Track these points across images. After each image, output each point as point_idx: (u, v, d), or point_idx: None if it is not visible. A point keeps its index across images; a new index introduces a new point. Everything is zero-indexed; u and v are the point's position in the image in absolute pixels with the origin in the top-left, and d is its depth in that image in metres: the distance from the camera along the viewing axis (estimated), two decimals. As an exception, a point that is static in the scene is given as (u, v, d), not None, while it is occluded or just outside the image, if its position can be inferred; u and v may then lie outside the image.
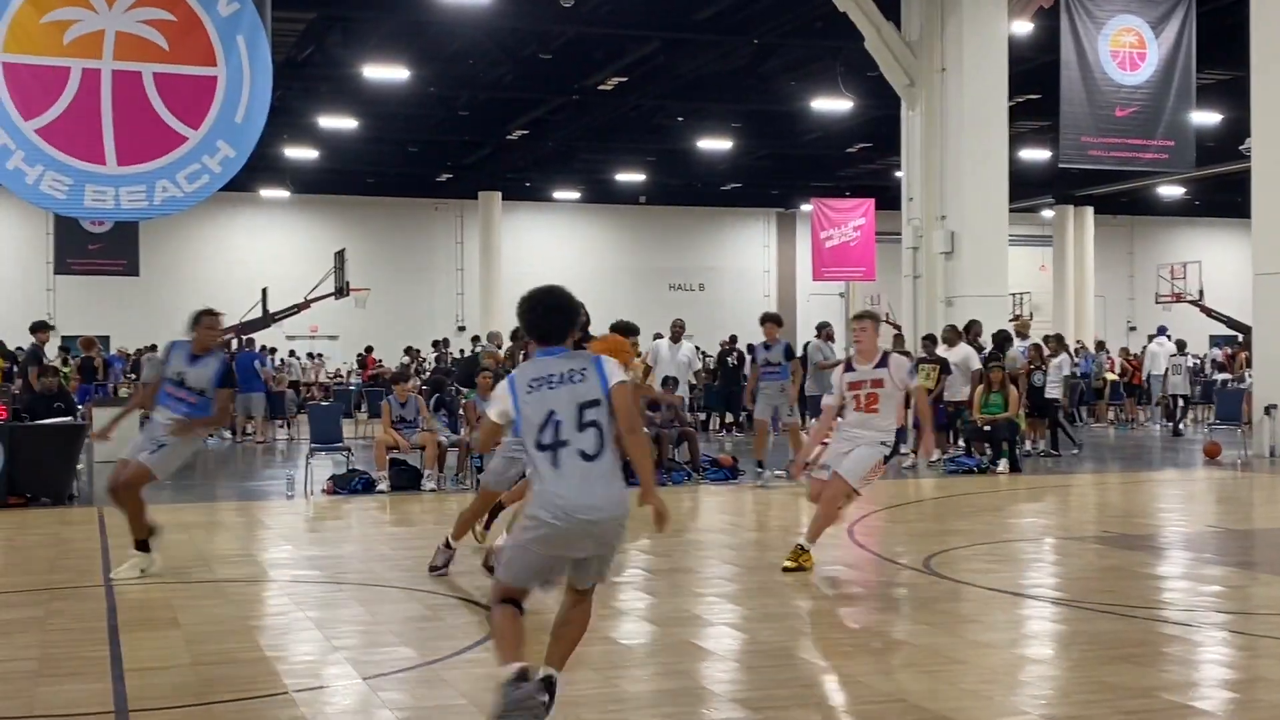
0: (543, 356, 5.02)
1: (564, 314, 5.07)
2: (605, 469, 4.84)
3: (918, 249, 22.38)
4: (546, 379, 4.91)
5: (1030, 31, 22.48)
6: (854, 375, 8.71)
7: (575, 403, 4.85)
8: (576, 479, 4.80)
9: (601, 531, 4.86)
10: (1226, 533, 11.16)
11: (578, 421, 4.84)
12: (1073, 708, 5.51)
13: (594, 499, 4.80)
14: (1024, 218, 40.68)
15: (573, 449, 4.82)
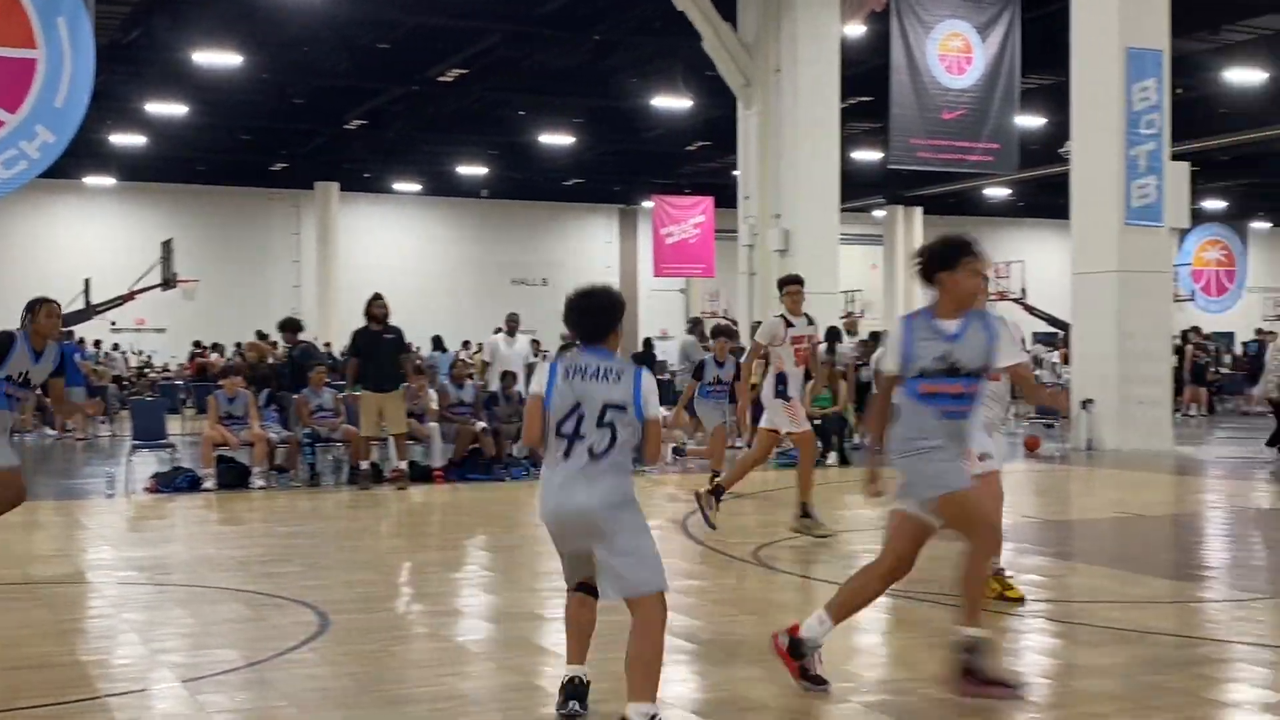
0: (588, 353, 5.07)
1: (605, 314, 5.13)
2: (607, 466, 4.89)
3: (754, 246, 22.73)
4: (582, 369, 4.97)
5: (862, 35, 22.99)
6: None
7: (602, 400, 4.91)
8: (577, 472, 4.88)
9: (591, 523, 4.86)
10: (1044, 523, 11.57)
11: (598, 418, 4.90)
12: (893, 695, 5.66)
13: (585, 493, 4.86)
14: (856, 217, 41.60)
15: (585, 444, 4.90)
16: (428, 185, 40.79)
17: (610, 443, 4.89)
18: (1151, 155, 18.39)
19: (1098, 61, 18.51)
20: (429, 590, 8.40)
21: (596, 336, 5.09)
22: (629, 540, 4.87)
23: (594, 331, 5.10)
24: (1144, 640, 6.69)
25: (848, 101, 24.25)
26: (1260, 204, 45.97)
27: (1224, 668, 6.23)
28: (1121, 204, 18.26)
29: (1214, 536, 11.03)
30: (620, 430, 4.91)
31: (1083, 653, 6.55)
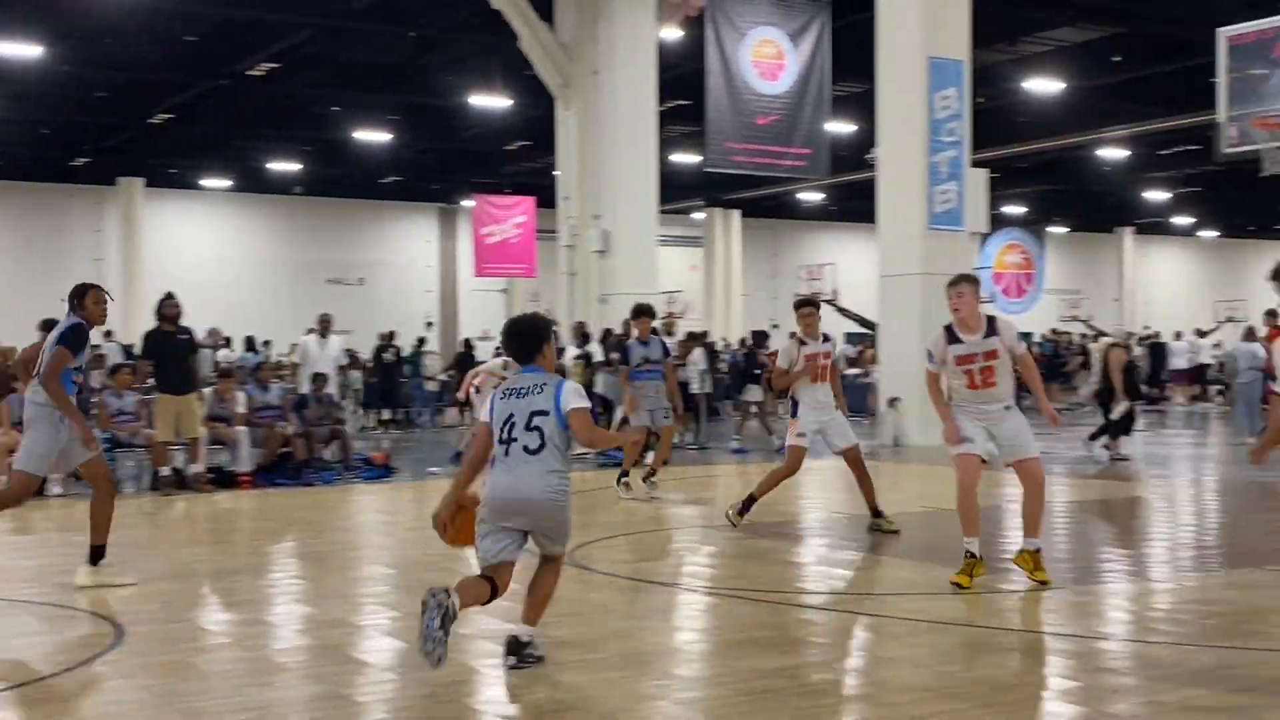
0: (524, 373, 6.04)
1: (530, 338, 6.06)
2: (535, 462, 5.82)
3: (574, 247, 22.79)
4: (518, 390, 5.94)
5: (680, 39, 23.23)
6: (962, 348, 8.12)
7: (529, 410, 5.86)
8: (508, 472, 5.85)
9: (534, 509, 5.86)
10: (853, 518, 11.85)
11: (526, 424, 5.85)
12: (703, 690, 5.72)
13: (527, 485, 5.81)
14: (676, 219, 41.99)
15: (519, 445, 5.85)
16: (239, 182, 39.69)
17: (540, 441, 5.82)
18: (953, 162, 19.02)
19: (902, 70, 19.06)
20: (233, 599, 8.16)
21: (527, 357, 6.05)
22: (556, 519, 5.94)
23: (524, 353, 6.07)
24: (948, 631, 6.90)
25: (666, 104, 24.48)
26: (1057, 209, 47.98)
27: (1024, 656, 6.47)
28: (924, 209, 18.84)
29: (1016, 529, 11.43)
30: (546, 431, 5.82)
31: (890, 644, 6.72)
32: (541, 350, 6.03)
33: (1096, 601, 7.85)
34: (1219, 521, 11.92)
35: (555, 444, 5.85)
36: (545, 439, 5.83)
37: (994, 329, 8.05)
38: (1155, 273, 52.97)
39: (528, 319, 6.24)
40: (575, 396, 5.89)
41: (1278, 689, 5.58)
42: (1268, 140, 11.95)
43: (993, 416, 8.13)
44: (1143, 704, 5.41)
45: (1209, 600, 7.79)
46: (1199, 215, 50.06)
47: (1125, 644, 6.75)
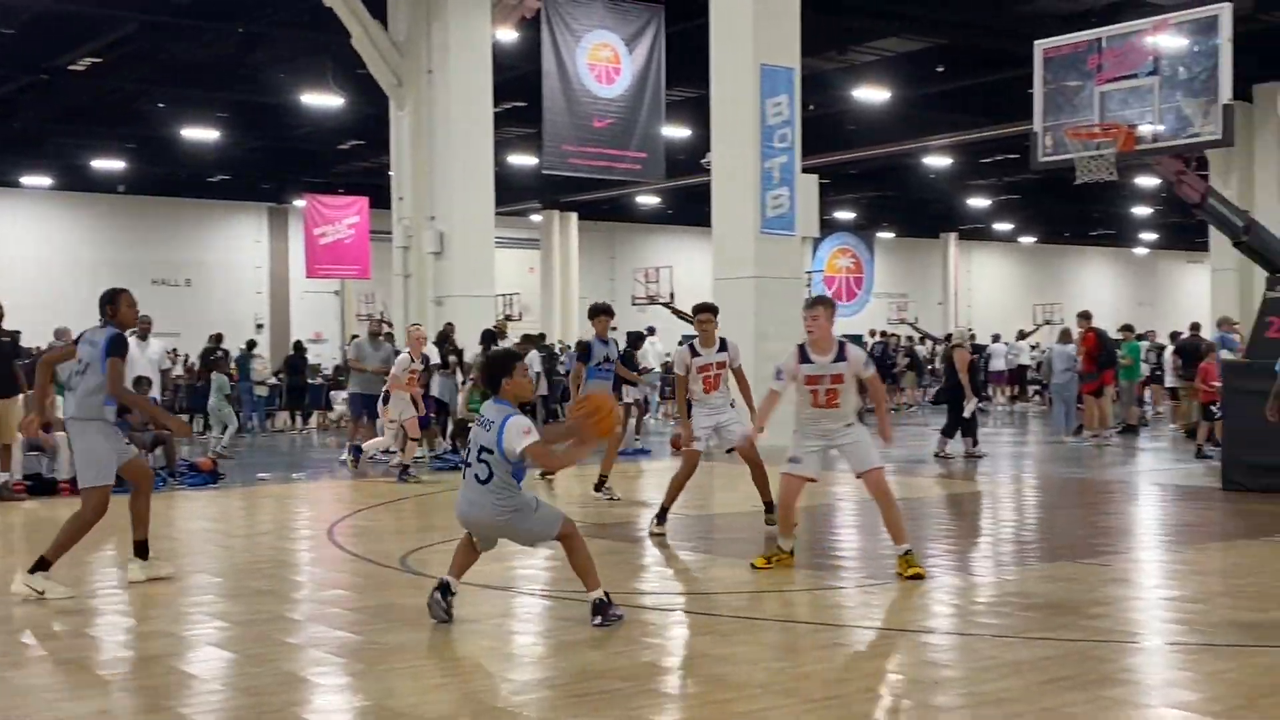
0: (490, 404, 6.85)
1: (491, 371, 6.89)
2: (486, 490, 6.69)
3: (408, 248, 22.54)
4: (481, 421, 6.78)
5: (516, 40, 23.18)
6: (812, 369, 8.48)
7: (480, 444, 6.69)
8: (468, 492, 6.78)
9: (479, 526, 6.87)
10: (686, 519, 11.97)
11: (477, 455, 6.70)
12: (535, 692, 5.72)
13: (472, 507, 6.78)
14: (513, 221, 41.87)
15: (472, 471, 6.73)
16: (60, 179, 38.23)
17: (488, 472, 6.65)
18: (784, 168, 19.37)
19: (734, 77, 19.33)
20: (50, 611, 7.86)
21: (492, 388, 6.86)
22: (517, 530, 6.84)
23: (490, 385, 6.88)
24: (778, 628, 7.03)
25: (502, 105, 24.39)
26: (885, 214, 49.25)
27: (852, 651, 6.62)
28: (757, 213, 19.14)
29: (844, 527, 11.71)
30: (493, 465, 6.62)
31: (721, 643, 6.81)
32: (501, 383, 6.78)
33: (922, 596, 8.07)
34: (1038, 517, 12.38)
35: (500, 475, 6.64)
36: (492, 472, 6.63)
37: (844, 354, 8.51)
38: (978, 276, 54.73)
39: (494, 353, 7.27)
40: (517, 436, 6.54)
41: (1089, 680, 5.82)
42: (1080, 150, 12.45)
43: (834, 432, 8.57)
44: (963, 695, 5.59)
45: (1027, 593, 8.09)
46: (1019, 221, 51.90)
47: (948, 637, 6.97)
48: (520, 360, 7.09)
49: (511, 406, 6.77)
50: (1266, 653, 6.32)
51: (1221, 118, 11.86)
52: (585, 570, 6.90)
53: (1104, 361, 19.61)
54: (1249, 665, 6.03)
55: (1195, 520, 11.49)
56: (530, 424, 6.67)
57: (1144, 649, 6.61)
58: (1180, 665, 6.26)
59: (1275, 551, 9.34)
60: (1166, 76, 12.06)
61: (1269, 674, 5.86)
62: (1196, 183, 12.77)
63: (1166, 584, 8.62)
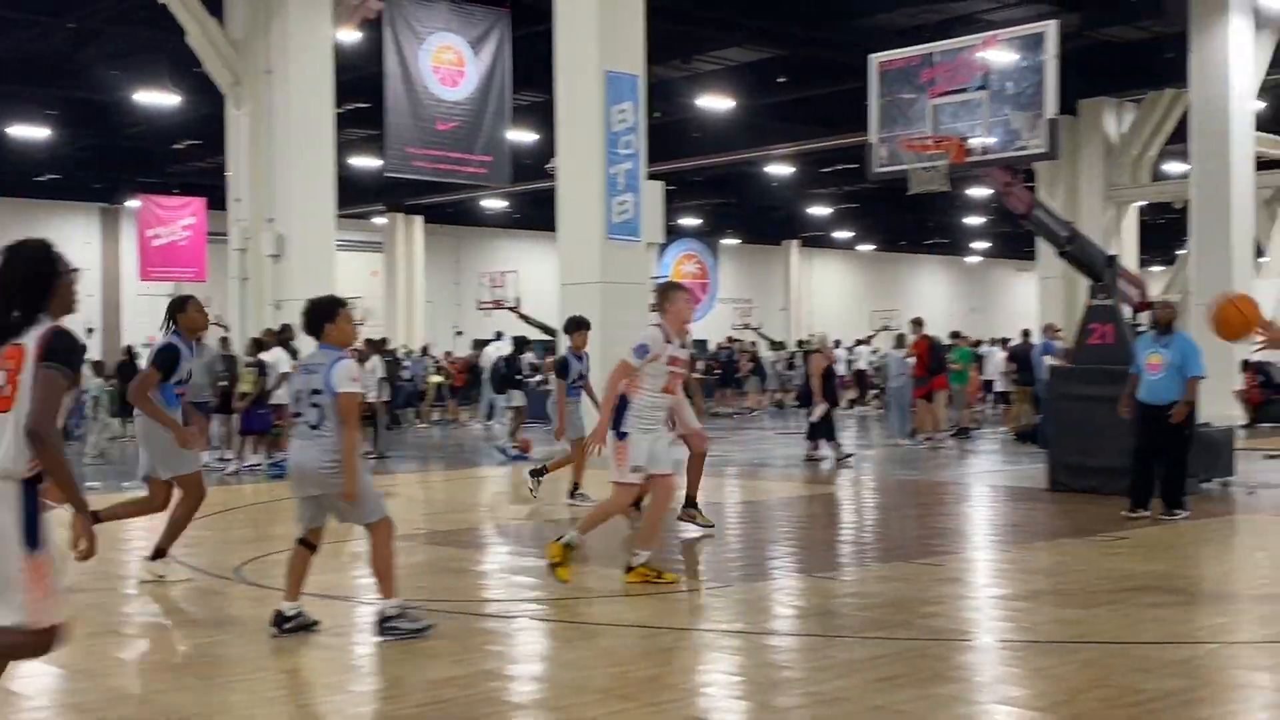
0: (316, 350, 6.73)
1: (313, 315, 6.76)
2: (317, 435, 6.49)
3: (246, 251, 22.05)
4: (305, 367, 6.73)
5: (358, 40, 22.85)
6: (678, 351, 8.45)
7: (309, 388, 6.55)
8: (298, 441, 6.63)
9: (306, 478, 6.55)
10: (535, 525, 11.96)
11: (308, 400, 6.54)
12: (375, 704, 5.65)
13: (302, 454, 6.55)
14: (357, 223, 41.25)
15: (304, 420, 6.58)
16: (-128, 176, 36.47)
17: (320, 418, 6.47)
18: (629, 174, 19.44)
19: (579, 83, 19.35)
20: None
21: (316, 333, 6.71)
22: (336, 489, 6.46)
23: (313, 330, 6.72)
24: (619, 632, 7.07)
25: (344, 107, 24.02)
26: (729, 221, 49.89)
27: (692, 653, 6.69)
28: (603, 219, 19.18)
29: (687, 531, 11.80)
30: (325, 408, 6.46)
31: (563, 648, 6.83)
32: (324, 326, 6.66)
33: (762, 598, 8.20)
34: (874, 519, 12.67)
35: (333, 420, 6.46)
36: (324, 416, 6.47)
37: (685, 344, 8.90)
38: (819, 283, 55.78)
39: (322, 299, 6.93)
40: (345, 380, 6.49)
41: (922, 678, 5.98)
42: (914, 161, 12.79)
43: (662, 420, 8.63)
44: (800, 695, 5.69)
45: (863, 594, 8.28)
46: (858, 229, 53.07)
47: (787, 638, 7.09)
48: (345, 306, 6.93)
49: (340, 350, 6.68)
50: (1088, 649, 6.58)
51: (1047, 131, 12.31)
52: (386, 572, 6.68)
53: (934, 367, 20.17)
54: (1072, 661, 6.27)
55: (1022, 520, 11.89)
56: (360, 374, 6.74)
57: (974, 647, 6.82)
58: (1007, 662, 6.47)
59: (1097, 550, 9.71)
60: (996, 91, 12.46)
61: (1089, 669, 6.10)
62: (1023, 194, 13.22)
63: (995, 583, 8.91)
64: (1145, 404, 11.21)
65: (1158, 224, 42.17)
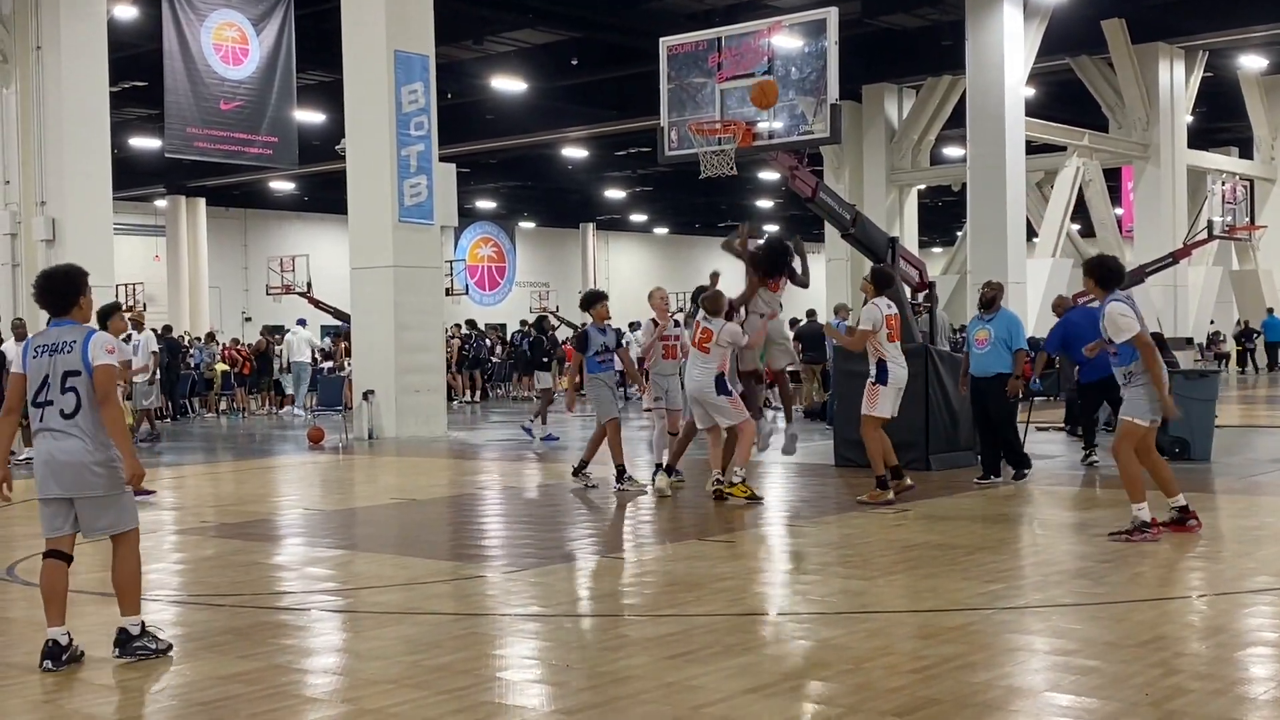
0: (52, 326, 5.90)
1: (61, 288, 5.93)
2: (73, 425, 5.72)
3: (17, 236, 21.07)
4: (48, 347, 5.80)
5: (135, 17, 22.03)
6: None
7: (60, 370, 5.73)
8: (53, 432, 5.73)
9: (61, 475, 5.74)
10: (327, 514, 11.75)
11: (61, 385, 5.72)
12: (152, 704, 5.47)
13: (64, 449, 5.71)
14: (136, 206, 39.78)
15: (55, 408, 5.73)
16: None
17: (76, 403, 5.71)
18: (421, 156, 19.24)
19: (367, 62, 19.05)
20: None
21: (62, 309, 5.91)
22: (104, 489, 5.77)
23: (53, 305, 5.91)
24: (415, 621, 6.99)
25: (120, 85, 23.11)
26: (525, 204, 49.81)
27: (487, 640, 6.65)
28: (394, 202, 18.95)
29: (486, 516, 11.77)
30: (82, 391, 5.71)
31: (357, 639, 6.71)
32: (74, 303, 5.93)
33: (560, 580, 8.22)
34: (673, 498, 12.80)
35: (90, 408, 5.74)
36: (80, 402, 5.73)
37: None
38: (616, 265, 56.20)
39: (61, 268, 6.12)
40: (102, 352, 5.78)
41: (713, 653, 6.08)
42: (704, 145, 12.95)
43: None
44: (595, 675, 5.73)
45: (657, 572, 8.39)
46: (653, 213, 53.63)
47: (582, 619, 7.13)
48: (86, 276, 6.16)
49: (88, 326, 5.99)
50: (872, 618, 6.80)
51: (829, 117, 12.61)
52: (131, 587, 5.98)
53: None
54: (858, 631, 6.47)
55: (812, 495, 12.21)
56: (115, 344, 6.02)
57: (763, 620, 6.98)
58: (795, 634, 6.64)
59: (879, 523, 10.04)
60: (781, 76, 12.70)
61: (874, 638, 6.31)
62: (808, 178, 13.52)
63: (785, 558, 9.13)
64: (975, 377, 12.22)
65: (937, 206, 43.90)
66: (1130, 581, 7.67)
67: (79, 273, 6.08)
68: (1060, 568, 8.24)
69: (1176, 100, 32.88)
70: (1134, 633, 6.29)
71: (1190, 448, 13.93)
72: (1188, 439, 13.99)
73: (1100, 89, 32.59)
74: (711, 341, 11.08)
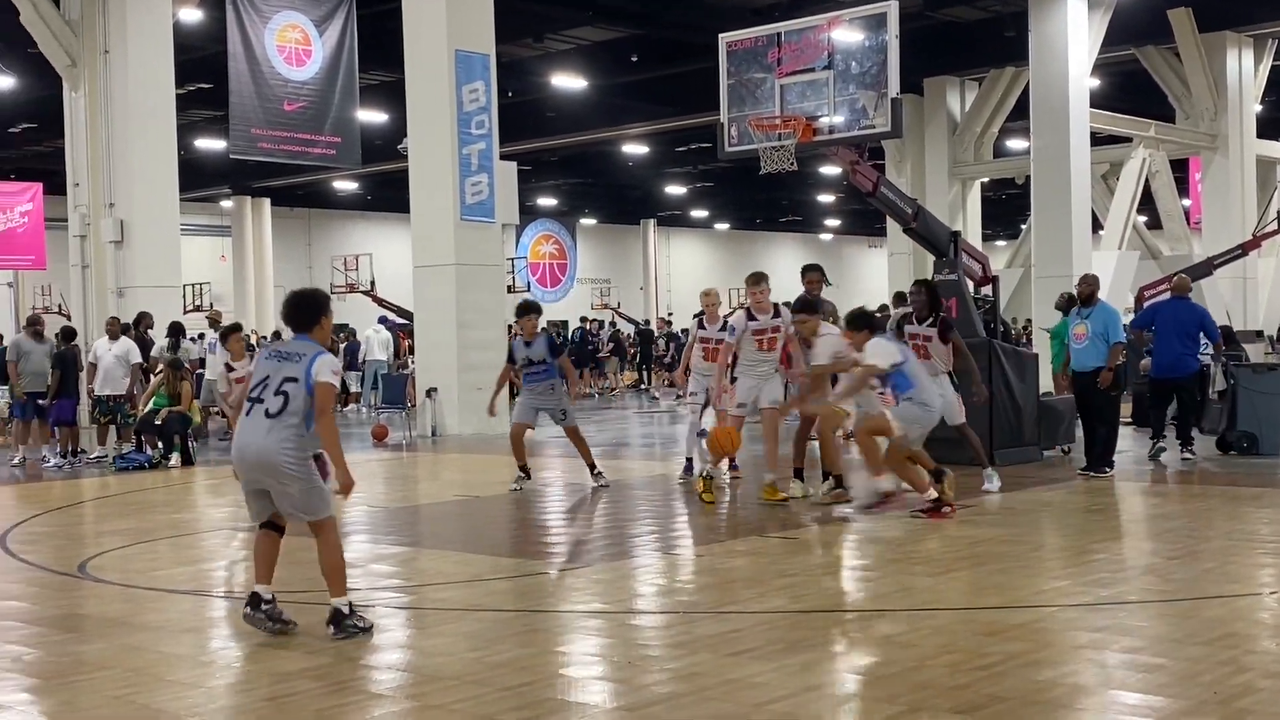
0: (293, 340, 6.50)
1: (307, 310, 6.53)
2: (275, 424, 6.21)
3: (86, 237, 21.40)
4: (279, 353, 6.40)
5: (200, 20, 22.29)
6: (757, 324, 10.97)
7: (281, 375, 6.27)
8: (255, 426, 6.27)
9: (256, 464, 6.27)
10: (391, 511, 11.85)
11: (276, 388, 6.25)
12: (226, 699, 5.55)
13: (261, 441, 6.22)
14: (202, 207, 40.29)
15: (262, 407, 6.26)
16: None
17: (283, 405, 6.23)
18: (482, 154, 19.33)
19: (429, 62, 19.16)
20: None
21: (302, 326, 6.49)
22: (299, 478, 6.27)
23: (298, 322, 6.50)
24: (478, 617, 7.04)
25: (186, 88, 23.42)
26: (586, 201, 49.88)
27: (551, 635, 6.68)
28: (456, 200, 19.05)
29: (548, 513, 11.81)
30: (293, 396, 6.23)
31: (421, 635, 6.77)
32: (317, 322, 6.48)
33: (621, 577, 8.24)
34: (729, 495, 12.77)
35: (295, 409, 6.23)
36: (287, 404, 6.24)
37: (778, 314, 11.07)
38: (676, 262, 56.14)
39: (310, 292, 6.75)
40: (328, 371, 6.30)
41: (775, 650, 6.07)
42: (763, 140, 12.90)
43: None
44: (659, 672, 5.73)
45: (720, 569, 8.38)
46: (713, 208, 53.52)
47: (645, 616, 7.14)
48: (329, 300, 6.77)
49: (320, 346, 6.45)
50: (935, 615, 6.76)
51: (891, 110, 12.52)
52: (335, 570, 6.49)
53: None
54: (922, 628, 6.42)
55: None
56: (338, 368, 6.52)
57: (825, 617, 6.95)
58: (858, 631, 6.60)
59: (948, 519, 9.96)
60: (841, 70, 12.62)
61: (937, 635, 6.27)
62: (869, 172, 13.43)
63: (848, 554, 9.09)
64: (1076, 372, 12.45)
65: (1000, 199, 43.43)
66: (1199, 578, 7.57)
67: (324, 296, 6.74)
68: (1127, 564, 8.14)
69: (1245, 89, 32.30)
70: (1202, 630, 6.20)
71: (1259, 442, 13.71)
72: (1256, 433, 13.76)
73: (1167, 79, 32.09)
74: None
